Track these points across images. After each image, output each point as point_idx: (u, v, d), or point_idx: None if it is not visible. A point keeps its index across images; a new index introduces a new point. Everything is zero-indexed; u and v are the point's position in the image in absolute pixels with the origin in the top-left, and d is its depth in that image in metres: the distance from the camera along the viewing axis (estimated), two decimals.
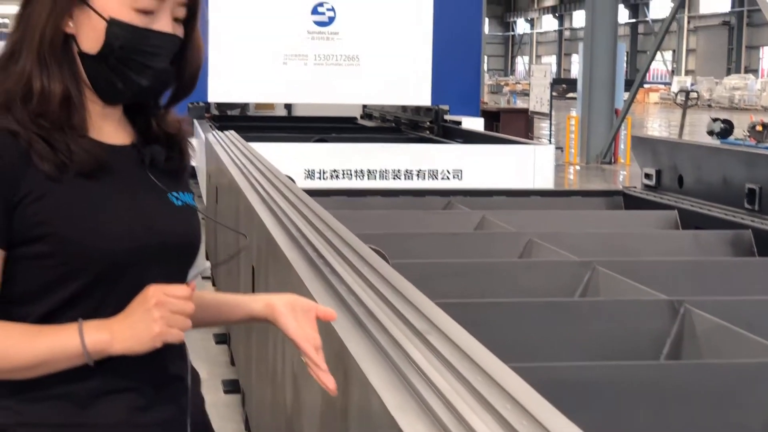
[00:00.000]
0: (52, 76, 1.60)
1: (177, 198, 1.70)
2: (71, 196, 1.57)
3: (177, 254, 1.68)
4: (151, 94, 1.69)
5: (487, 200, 5.71)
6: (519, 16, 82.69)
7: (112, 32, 1.60)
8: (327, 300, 1.99)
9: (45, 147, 1.56)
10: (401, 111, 13.91)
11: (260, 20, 12.37)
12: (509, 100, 31.50)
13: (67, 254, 1.56)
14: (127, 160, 1.67)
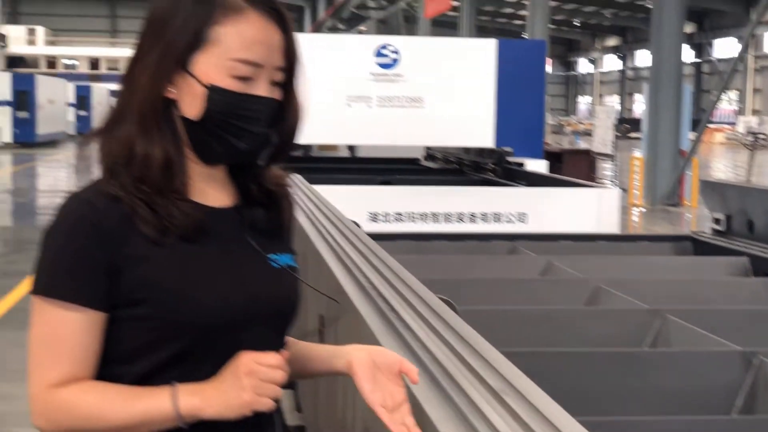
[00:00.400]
0: (154, 141, 1.63)
1: (276, 261, 1.71)
2: (172, 260, 1.60)
3: (274, 318, 1.70)
4: (248, 156, 1.70)
5: (553, 245, 5.66)
6: (581, 55, 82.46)
7: (212, 98, 1.63)
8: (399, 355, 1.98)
9: (147, 211, 1.60)
10: (464, 152, 13.91)
11: (324, 62, 12.49)
12: (572, 141, 31.35)
13: (167, 317, 1.59)
14: (227, 223, 1.70)
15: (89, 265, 1.57)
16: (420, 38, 20.79)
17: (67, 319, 1.57)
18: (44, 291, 1.59)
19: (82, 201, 1.61)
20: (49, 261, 1.60)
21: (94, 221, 1.58)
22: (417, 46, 12.80)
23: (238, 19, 1.64)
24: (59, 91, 43.89)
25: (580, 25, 70.77)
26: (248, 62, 1.64)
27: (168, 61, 1.63)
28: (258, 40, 1.64)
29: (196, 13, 1.63)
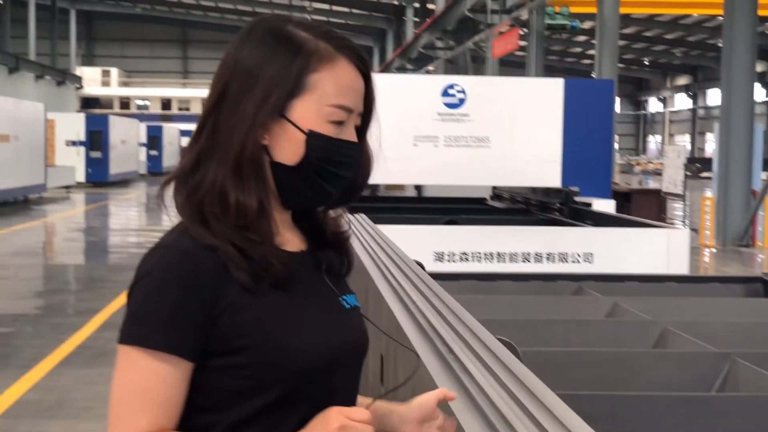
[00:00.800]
0: (248, 189, 1.64)
1: (346, 302, 1.74)
2: (268, 308, 1.61)
3: (356, 358, 1.73)
4: (332, 201, 1.74)
5: (619, 285, 5.59)
6: (651, 94, 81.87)
7: (311, 144, 1.65)
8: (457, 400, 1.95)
9: (242, 259, 1.59)
10: (531, 192, 13.84)
11: (392, 102, 12.54)
12: (641, 180, 31.06)
13: (264, 366, 1.59)
14: (306, 267, 1.71)
15: (185, 315, 1.57)
16: (486, 78, 20.82)
17: (159, 369, 1.57)
18: (137, 341, 1.58)
19: (177, 250, 1.61)
20: (143, 311, 1.59)
21: (190, 270, 1.58)
22: (483, 86, 12.80)
23: (332, 66, 1.68)
24: (131, 131, 44.69)
25: (649, 64, 70.32)
26: (343, 107, 1.67)
27: (267, 109, 1.63)
28: (350, 86, 1.69)
29: (294, 61, 1.65)
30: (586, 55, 63.76)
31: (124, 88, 73.38)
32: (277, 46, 1.66)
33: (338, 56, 1.69)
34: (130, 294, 1.62)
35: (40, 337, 9.24)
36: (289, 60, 1.66)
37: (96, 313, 10.43)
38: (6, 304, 11.24)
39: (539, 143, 12.11)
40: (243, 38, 1.70)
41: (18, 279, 13.85)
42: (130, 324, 1.59)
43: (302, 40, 1.68)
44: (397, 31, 54.97)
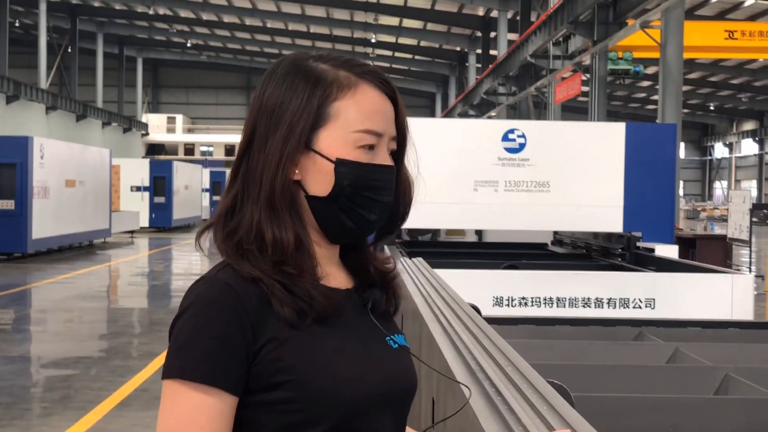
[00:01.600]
0: (284, 225, 1.64)
1: (394, 341, 1.71)
2: (310, 343, 1.59)
3: (403, 398, 1.69)
4: (375, 228, 1.72)
5: (681, 331, 5.49)
6: (717, 140, 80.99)
7: (341, 172, 1.64)
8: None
9: (285, 293, 1.59)
10: (592, 237, 13.73)
11: (451, 147, 12.54)
12: (706, 226, 30.65)
13: (308, 401, 1.57)
14: (351, 304, 1.69)
15: (228, 348, 1.56)
16: (546, 122, 20.75)
17: (203, 403, 1.55)
18: (181, 374, 1.56)
19: (220, 283, 1.60)
20: (186, 343, 1.58)
21: (234, 303, 1.57)
22: (543, 130, 12.76)
23: (354, 93, 1.67)
24: (195, 176, 45.24)
25: (715, 109, 69.67)
26: (370, 132, 1.66)
27: (293, 144, 1.64)
28: (376, 110, 1.67)
29: (314, 93, 1.65)
30: (649, 100, 63.35)
31: (188, 134, 74.42)
32: (297, 81, 1.67)
33: (360, 82, 1.68)
34: (173, 328, 1.61)
35: (100, 379, 9.31)
36: (309, 92, 1.66)
37: (155, 357, 10.49)
38: (69, 346, 11.36)
39: (600, 188, 12.02)
40: (267, 78, 1.71)
41: (81, 322, 14.01)
42: (174, 358, 1.58)
43: (321, 71, 1.68)
44: (460, 77, 55.17)
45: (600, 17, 23.44)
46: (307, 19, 49.74)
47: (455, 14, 44.26)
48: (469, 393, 2.05)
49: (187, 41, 62.17)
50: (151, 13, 52.45)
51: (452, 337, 3.12)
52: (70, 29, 53.95)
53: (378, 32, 49.68)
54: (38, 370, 10.02)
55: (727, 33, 29.60)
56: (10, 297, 16.48)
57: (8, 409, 8.04)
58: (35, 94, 42.98)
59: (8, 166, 23.18)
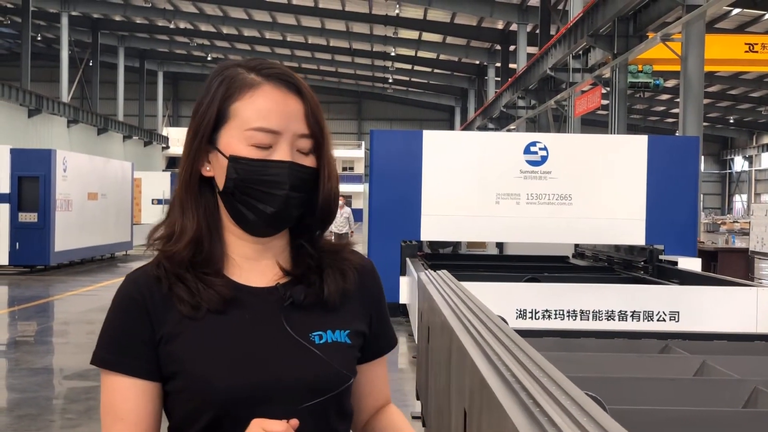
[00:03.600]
0: (187, 216, 1.79)
1: (321, 336, 1.78)
2: (198, 337, 1.73)
3: (296, 395, 1.74)
4: (283, 220, 1.79)
5: (707, 344, 5.47)
6: (736, 153, 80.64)
7: (232, 167, 1.76)
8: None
9: (182, 288, 1.75)
10: (614, 250, 13.70)
11: (473, 160, 12.54)
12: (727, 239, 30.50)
13: (195, 390, 1.71)
14: (266, 300, 1.79)
15: (131, 338, 1.74)
16: (568, 135, 20.74)
17: (117, 386, 1.74)
18: (96, 361, 1.77)
19: (130, 280, 1.79)
20: (101, 335, 1.78)
21: (137, 298, 1.75)
22: (565, 143, 12.76)
23: (253, 93, 1.77)
24: None
25: (735, 122, 69.37)
26: (264, 130, 1.75)
27: (199, 140, 1.79)
28: (272, 110, 1.76)
29: (219, 93, 1.79)
30: (669, 113, 63.15)
31: None
32: (211, 85, 1.81)
33: (262, 83, 1.78)
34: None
35: None
36: (214, 94, 1.79)
37: None
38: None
39: (623, 200, 12.01)
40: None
41: None
42: (96, 346, 1.78)
43: (231, 75, 1.80)
44: (479, 90, 55.14)
45: (620, 30, 23.42)
46: (326, 33, 49.84)
47: (475, 28, 44.27)
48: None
49: (208, 55, 62.37)
50: (172, 27, 52.70)
51: (484, 349, 3.13)
52: (91, 43, 54.23)
53: (397, 46, 49.72)
54: (62, 381, 10.07)
55: (747, 46, 29.49)
56: (34, 309, 16.56)
57: (33, 420, 8.08)
58: (57, 107, 43.20)
59: (31, 179, 23.32)
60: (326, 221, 1.85)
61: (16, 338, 13.50)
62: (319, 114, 1.81)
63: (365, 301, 1.91)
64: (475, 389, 2.92)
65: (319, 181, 1.81)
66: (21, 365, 10.76)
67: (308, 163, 1.79)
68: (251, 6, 45.78)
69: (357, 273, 1.89)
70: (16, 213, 23.29)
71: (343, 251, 1.89)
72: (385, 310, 1.98)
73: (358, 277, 1.89)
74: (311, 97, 1.81)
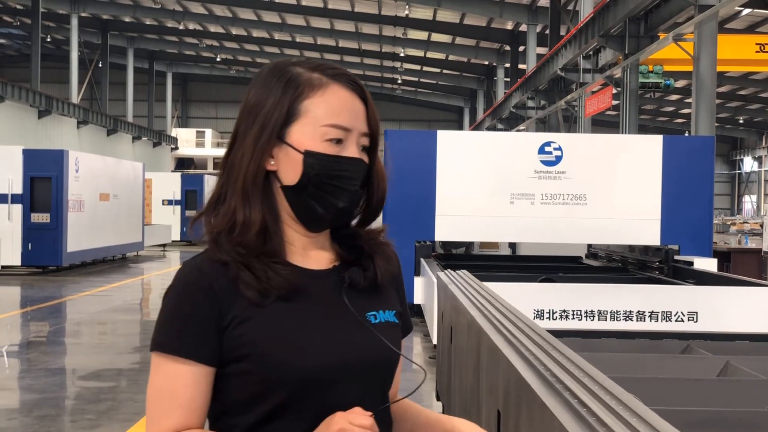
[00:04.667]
0: (253, 209, 1.83)
1: (375, 316, 1.86)
2: (270, 321, 1.77)
3: (367, 373, 1.82)
4: (347, 215, 1.88)
5: (730, 344, 5.46)
6: (746, 154, 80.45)
7: (308, 162, 1.82)
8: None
9: (249, 275, 1.79)
10: (628, 251, 13.67)
11: (487, 160, 12.54)
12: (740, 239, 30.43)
13: (267, 371, 1.75)
14: (326, 284, 1.86)
15: (198, 324, 1.77)
16: (583, 135, 20.71)
17: (179, 373, 1.77)
18: (158, 347, 1.79)
19: (193, 267, 1.83)
20: (164, 320, 1.80)
21: (204, 285, 1.79)
22: (580, 143, 12.74)
23: (324, 92, 1.85)
24: None
25: (744, 122, 69.23)
26: (337, 126, 1.83)
27: (266, 136, 1.83)
28: (343, 108, 1.84)
29: (287, 92, 1.85)
30: (679, 114, 63.05)
31: (217, 148, 74.71)
32: (273, 83, 1.87)
33: (330, 82, 1.86)
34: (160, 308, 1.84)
35: (142, 392, 9.35)
36: (282, 91, 1.85)
37: None
38: (107, 359, 11.44)
39: (638, 201, 11.99)
40: (251, 83, 1.92)
41: (117, 335, 14.10)
42: (155, 333, 1.81)
43: (295, 73, 1.87)
44: (488, 91, 55.10)
45: (631, 30, 23.40)
46: (335, 34, 49.86)
47: (484, 28, 44.26)
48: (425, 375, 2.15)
49: (217, 56, 62.46)
50: (181, 28, 52.76)
51: (519, 348, 3.13)
52: (101, 44, 54.33)
53: (406, 46, 49.71)
54: (80, 382, 10.08)
55: (758, 46, 29.44)
56: (48, 310, 16.60)
57: (53, 421, 8.10)
58: (67, 108, 43.31)
59: (44, 179, 23.36)
60: (376, 216, 1.94)
61: (30, 339, 13.53)
62: (375, 114, 1.90)
63: (397, 284, 2.01)
64: (511, 389, 2.92)
65: (373, 179, 1.90)
66: (37, 365, 10.79)
67: (366, 159, 1.89)
68: (260, 7, 45.82)
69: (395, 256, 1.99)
70: (29, 214, 23.34)
71: (380, 236, 1.97)
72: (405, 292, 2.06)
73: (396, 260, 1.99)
74: (370, 99, 1.90)
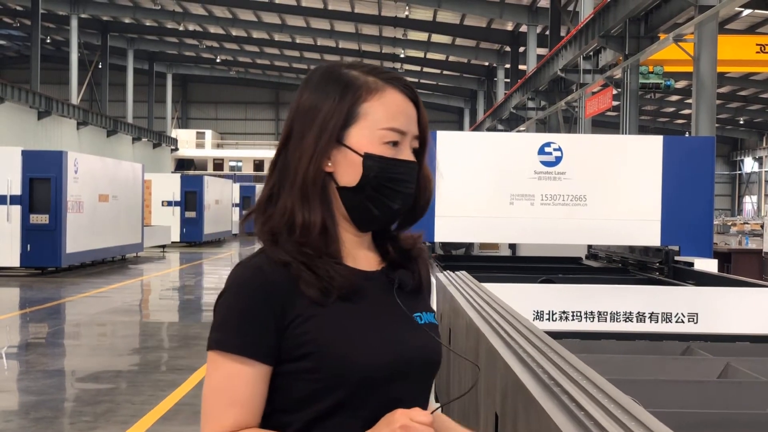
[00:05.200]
0: (313, 210, 1.84)
1: (420, 317, 1.90)
2: (332, 320, 1.79)
3: (422, 371, 1.87)
4: (398, 216, 1.92)
5: (730, 346, 5.43)
6: (746, 154, 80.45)
7: (368, 165, 1.85)
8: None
9: (311, 275, 1.80)
10: (628, 251, 13.63)
11: (487, 161, 12.50)
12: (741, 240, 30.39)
13: (328, 370, 1.76)
14: (377, 285, 1.88)
15: (258, 323, 1.78)
16: (583, 135, 20.68)
17: (238, 371, 1.78)
18: (218, 345, 1.80)
19: (252, 267, 1.82)
20: (223, 319, 1.81)
21: (263, 284, 1.80)
22: (580, 144, 12.68)
23: (381, 96, 1.88)
24: (225, 191, 45.34)
25: (745, 123, 69.21)
26: (395, 130, 1.87)
27: (325, 139, 1.85)
28: (400, 111, 1.88)
29: (345, 95, 1.87)
30: (679, 114, 63.03)
31: (217, 149, 74.71)
32: (330, 86, 1.89)
33: (386, 86, 1.89)
34: (215, 307, 1.85)
35: (141, 393, 9.32)
36: (341, 95, 1.87)
37: (194, 371, 10.51)
38: (107, 360, 11.41)
39: (638, 201, 11.94)
40: (303, 85, 1.93)
41: (116, 336, 14.06)
42: (214, 331, 1.82)
43: (351, 77, 1.90)
44: (488, 92, 55.08)
45: (631, 31, 23.36)
46: (336, 35, 49.84)
47: (484, 29, 44.22)
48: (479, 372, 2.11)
49: (217, 57, 62.46)
50: (181, 29, 52.75)
51: (516, 351, 3.10)
52: (100, 45, 54.32)
53: (407, 47, 49.70)
54: (78, 384, 10.05)
55: (758, 47, 29.41)
56: (46, 311, 16.57)
57: (51, 423, 8.07)
58: (66, 109, 43.28)
59: (43, 180, 23.33)
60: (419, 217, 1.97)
61: (29, 340, 13.50)
62: (426, 119, 1.94)
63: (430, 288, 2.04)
64: (509, 392, 2.89)
65: (420, 181, 1.93)
66: (36, 367, 10.76)
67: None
68: (260, 8, 45.81)
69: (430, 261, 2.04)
70: (28, 215, 23.32)
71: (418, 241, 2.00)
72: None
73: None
74: (421, 103, 1.94)
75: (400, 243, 1.95)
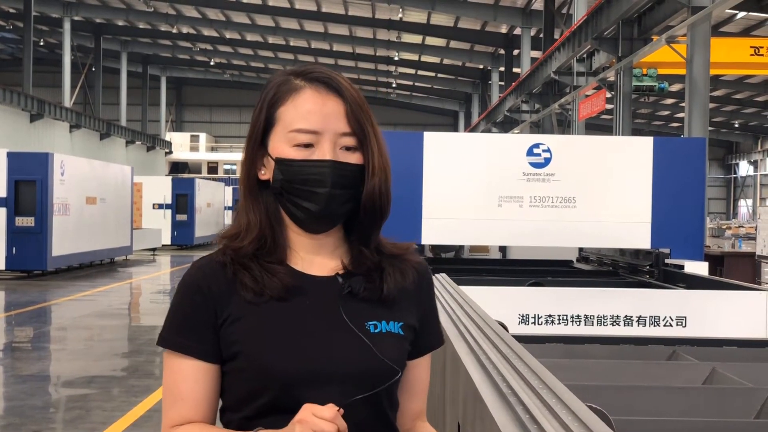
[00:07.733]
0: (254, 215, 1.89)
1: (376, 326, 1.85)
2: (261, 320, 1.82)
3: (358, 380, 1.81)
4: (329, 218, 1.87)
5: (717, 351, 5.26)
6: (741, 158, 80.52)
7: (277, 169, 1.87)
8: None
9: (246, 276, 1.83)
10: (619, 254, 13.48)
11: (475, 163, 12.33)
12: (734, 243, 30.26)
13: (253, 371, 1.80)
14: (325, 290, 1.87)
15: (197, 321, 1.84)
16: (572, 137, 20.55)
17: (179, 367, 1.85)
18: (163, 343, 1.87)
19: (196, 267, 1.90)
20: (168, 317, 1.89)
21: (203, 284, 1.85)
22: (569, 145, 12.52)
23: (295, 97, 1.88)
24: (217, 194, 45.19)
25: (740, 126, 69.22)
26: (303, 131, 1.85)
27: (253, 145, 1.91)
28: (311, 111, 1.85)
29: (267, 99, 1.91)
30: (673, 117, 62.99)
31: (212, 153, 74.56)
32: (262, 95, 1.93)
33: (305, 87, 1.88)
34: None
35: (114, 399, 9.11)
36: (263, 102, 1.92)
37: None
38: (86, 365, 11.19)
39: (628, 203, 11.78)
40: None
41: (100, 340, 13.84)
42: (162, 329, 1.89)
43: (276, 83, 1.92)
44: (483, 95, 55.03)
45: (625, 33, 23.22)
46: (330, 38, 49.75)
47: (478, 32, 44.14)
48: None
49: (211, 60, 62.31)
50: (175, 32, 52.62)
51: (479, 357, 2.89)
52: (94, 48, 54.20)
53: (401, 50, 49.61)
54: (51, 389, 9.84)
55: (752, 49, 29.33)
56: (29, 314, 16.35)
57: (16, 430, 7.85)
58: (59, 112, 43.10)
59: (28, 182, 23.13)
60: (374, 217, 1.89)
61: (7, 344, 13.26)
62: (361, 112, 1.88)
63: (420, 299, 1.97)
64: (469, 401, 2.68)
65: (370, 179, 1.87)
66: (10, 372, 10.54)
67: (354, 160, 1.87)
68: (254, 11, 45.71)
69: (416, 272, 1.97)
70: (13, 217, 23.12)
71: (406, 254, 1.96)
72: (435, 308, 2.05)
73: (417, 277, 1.96)
74: (352, 97, 1.88)
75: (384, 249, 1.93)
